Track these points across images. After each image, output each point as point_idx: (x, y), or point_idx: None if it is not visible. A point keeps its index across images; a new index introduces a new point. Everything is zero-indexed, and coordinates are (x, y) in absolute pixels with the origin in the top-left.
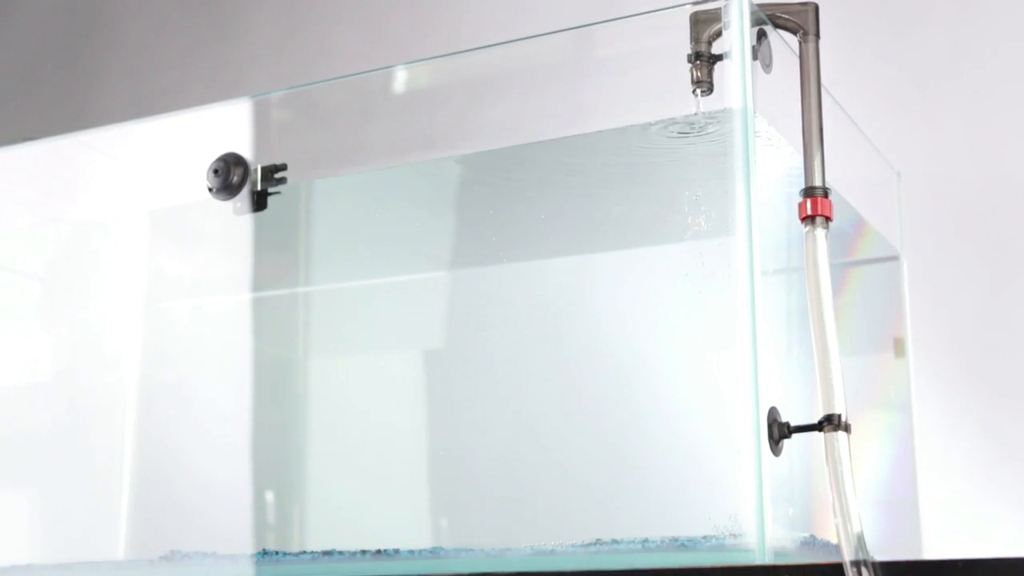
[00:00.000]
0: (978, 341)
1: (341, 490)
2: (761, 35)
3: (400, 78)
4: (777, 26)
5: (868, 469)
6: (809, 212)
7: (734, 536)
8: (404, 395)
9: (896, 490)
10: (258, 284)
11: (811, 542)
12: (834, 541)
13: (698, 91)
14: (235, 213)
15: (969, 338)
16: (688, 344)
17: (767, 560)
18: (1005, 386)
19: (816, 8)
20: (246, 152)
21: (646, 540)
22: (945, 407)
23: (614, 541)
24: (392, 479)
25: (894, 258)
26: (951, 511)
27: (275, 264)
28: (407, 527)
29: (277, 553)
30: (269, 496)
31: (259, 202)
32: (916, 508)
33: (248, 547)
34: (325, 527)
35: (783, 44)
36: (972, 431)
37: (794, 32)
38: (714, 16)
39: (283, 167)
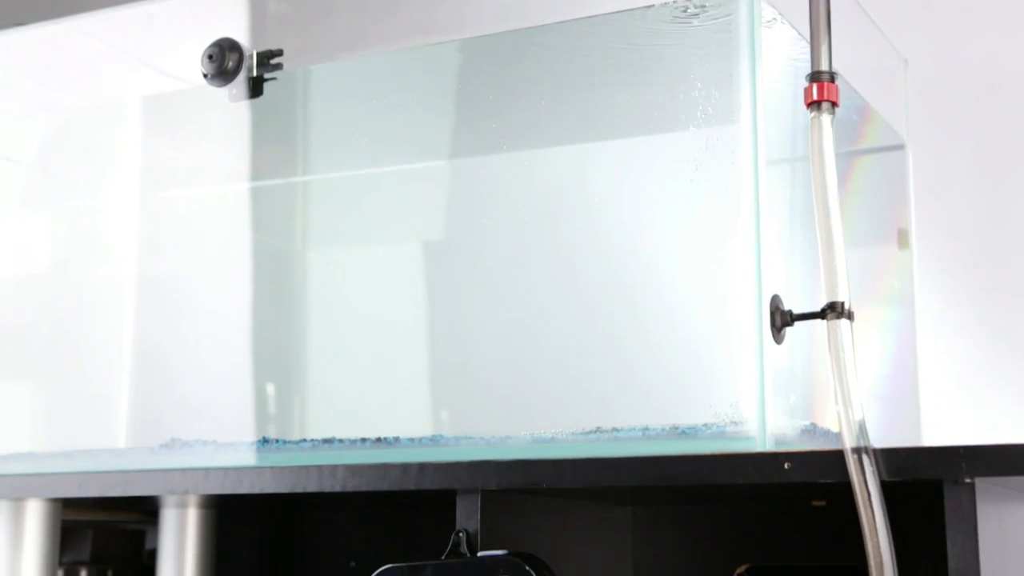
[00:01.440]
0: (981, 233)
1: (341, 379)
2: None
3: None
4: None
5: (869, 363)
6: (815, 97)
7: (735, 424)
8: (404, 285)
9: (897, 384)
10: (256, 174)
11: (812, 430)
12: (835, 430)
13: None
14: (231, 100)
15: (972, 230)
16: (691, 232)
17: (768, 447)
18: (1007, 278)
19: None
20: (242, 38)
21: (647, 428)
22: (947, 299)
23: (615, 429)
24: (392, 368)
25: (899, 147)
26: (951, 405)
27: (273, 153)
28: (407, 416)
29: (277, 441)
30: (269, 385)
31: (255, 88)
32: (916, 402)
33: (248, 435)
34: (325, 416)
35: None
36: (974, 324)
37: None
38: None
39: (279, 53)
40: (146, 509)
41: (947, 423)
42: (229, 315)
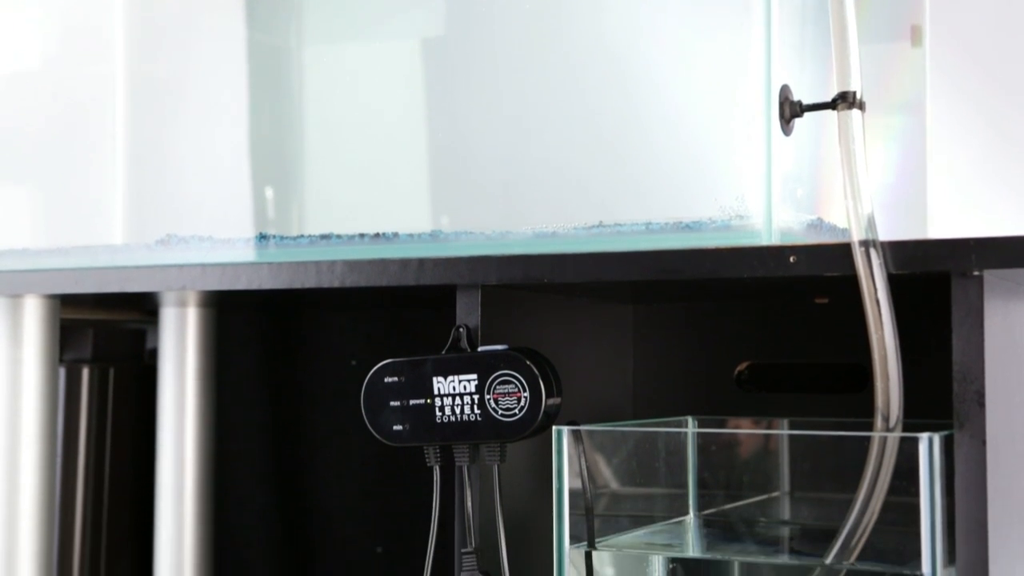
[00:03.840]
0: (995, 31)
1: (339, 176)
2: None
3: None
4: None
5: (877, 170)
6: None
7: (740, 218)
8: (403, 79)
9: (904, 189)
10: None
11: (818, 225)
12: (841, 225)
13: None
14: None
15: (986, 28)
16: (698, 19)
17: (773, 241)
18: (1021, 80)
19: None
20: None
21: (650, 223)
22: (958, 100)
23: (617, 224)
24: (391, 164)
25: None
26: (959, 210)
27: None
28: (406, 211)
29: (275, 237)
30: (266, 182)
31: None
32: (924, 207)
33: (246, 231)
34: (323, 212)
35: None
36: (984, 126)
37: None
38: None
39: None
40: (145, 308)
41: (953, 228)
42: (224, 113)
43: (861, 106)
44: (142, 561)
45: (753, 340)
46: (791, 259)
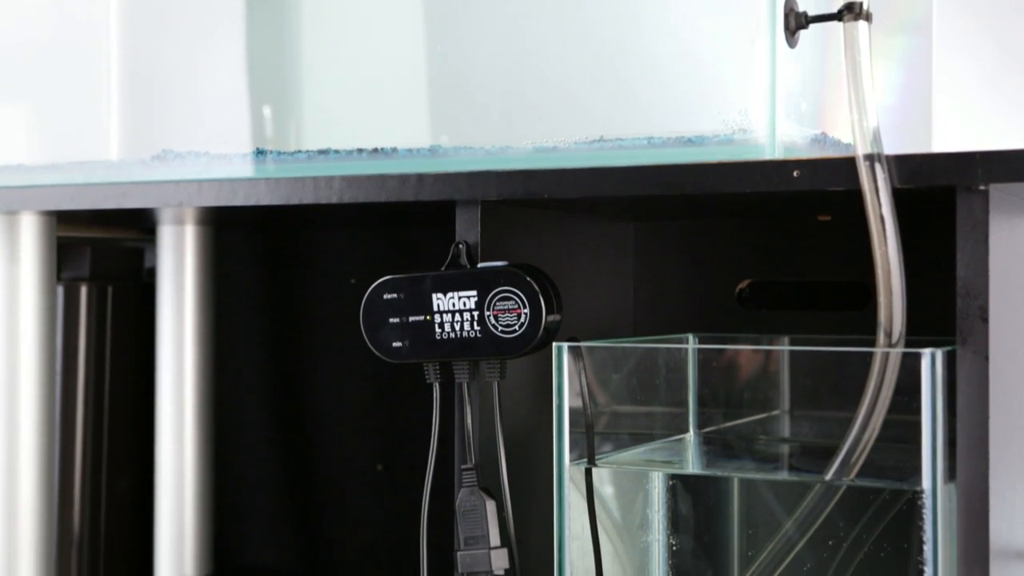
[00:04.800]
0: None
1: (337, 91)
2: None
3: None
4: None
5: (882, 91)
6: None
7: (743, 132)
8: None
9: (910, 111)
10: None
11: (822, 140)
12: (846, 140)
13: None
14: None
15: None
16: None
17: (776, 155)
18: None
19: None
20: None
21: (652, 138)
22: (964, 20)
23: (618, 139)
24: (389, 79)
25: None
26: (965, 131)
27: None
28: (405, 127)
29: (272, 152)
30: (263, 97)
31: None
32: (929, 130)
33: (243, 147)
34: (321, 127)
35: None
36: (991, 46)
37: None
38: None
39: None
40: (143, 226)
41: (958, 146)
42: (221, 27)
43: (868, 17)
44: (143, 479)
45: (755, 258)
46: (795, 173)
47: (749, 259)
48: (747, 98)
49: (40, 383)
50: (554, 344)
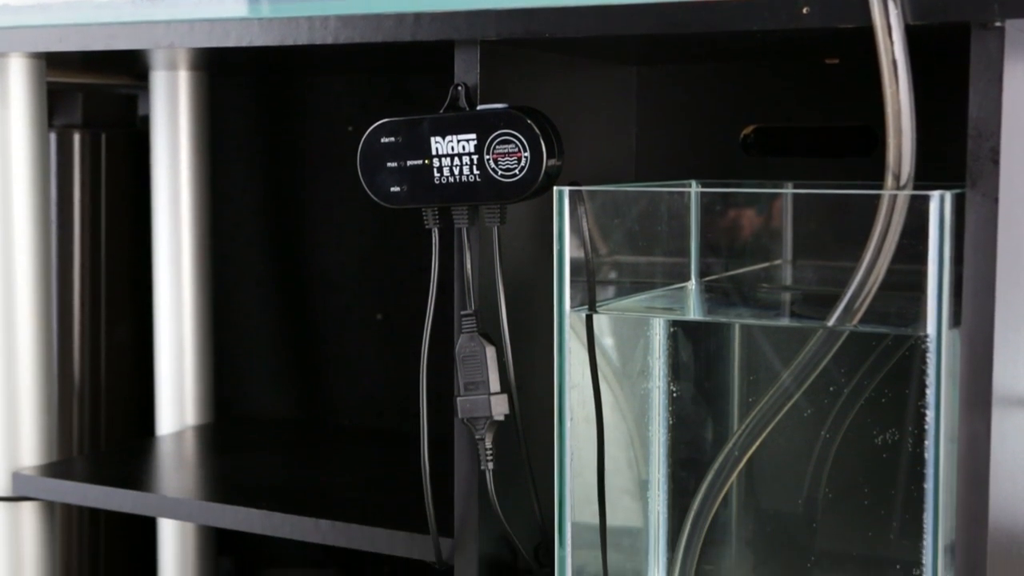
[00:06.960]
0: None
1: None
2: None
3: None
4: None
5: None
6: None
7: None
8: None
9: None
10: None
11: None
12: None
13: None
14: None
15: None
16: None
17: None
18: None
19: None
20: None
21: None
22: None
23: None
24: None
25: None
26: None
27: None
28: None
29: None
30: None
31: None
32: None
33: None
34: None
35: None
36: None
37: None
38: None
39: None
40: (135, 71)
41: None
42: None
43: None
44: (142, 328)
45: (760, 103)
46: (804, 10)
47: (754, 104)
48: None
49: (34, 227)
50: (555, 188)
